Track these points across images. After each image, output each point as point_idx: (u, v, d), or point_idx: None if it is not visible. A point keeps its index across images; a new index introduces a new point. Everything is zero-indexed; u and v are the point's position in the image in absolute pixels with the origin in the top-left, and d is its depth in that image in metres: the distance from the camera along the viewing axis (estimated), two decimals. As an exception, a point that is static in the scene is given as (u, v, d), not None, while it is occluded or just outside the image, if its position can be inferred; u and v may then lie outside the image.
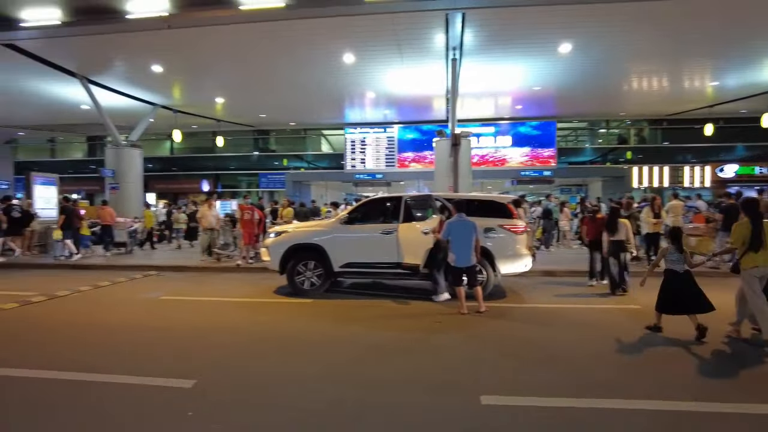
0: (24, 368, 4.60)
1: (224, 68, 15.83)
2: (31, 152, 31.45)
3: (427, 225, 7.73)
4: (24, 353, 5.19)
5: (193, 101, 19.98)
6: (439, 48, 13.73)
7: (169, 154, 29.70)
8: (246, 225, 11.57)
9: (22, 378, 4.39)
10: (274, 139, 29.43)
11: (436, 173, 15.76)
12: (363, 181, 25.83)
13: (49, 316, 6.97)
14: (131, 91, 17.94)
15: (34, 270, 11.77)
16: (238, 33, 12.39)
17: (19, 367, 4.62)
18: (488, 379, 4.39)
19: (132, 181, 18.44)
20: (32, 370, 4.55)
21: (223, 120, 23.58)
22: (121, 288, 9.27)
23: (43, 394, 4.07)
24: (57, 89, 17.34)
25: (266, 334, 5.99)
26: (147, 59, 14.68)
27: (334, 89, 18.33)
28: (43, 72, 15.27)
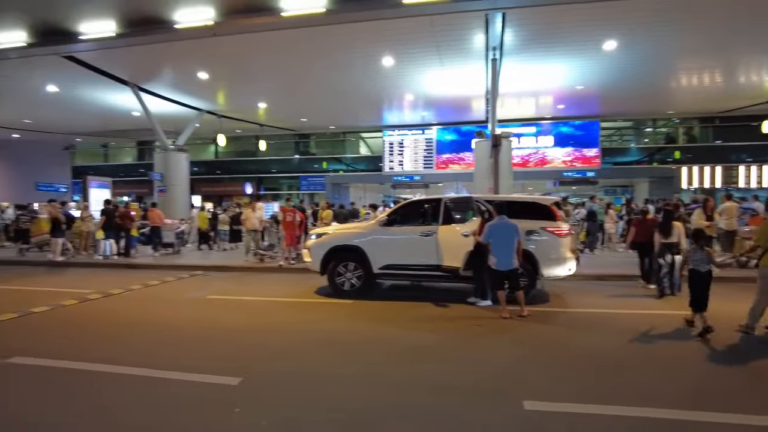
0: (85, 362, 4.86)
1: (266, 74, 16.25)
2: (87, 157, 33.13)
3: (468, 227, 7.67)
4: (84, 347, 5.49)
5: (236, 106, 20.58)
6: (478, 48, 13.63)
7: (214, 158, 30.67)
8: (288, 227, 11.81)
9: (83, 371, 4.65)
10: (314, 142, 29.90)
11: (476, 174, 15.64)
12: (401, 183, 25.89)
13: (104, 312, 7.34)
14: (178, 98, 18.67)
15: (89, 269, 12.41)
16: (280, 39, 12.69)
17: (81, 360, 4.89)
18: (531, 385, 4.32)
19: (179, 184, 19.17)
20: (93, 363, 4.81)
21: (266, 124, 24.18)
22: (169, 287, 9.65)
23: (102, 386, 4.29)
24: (111, 97, 18.26)
25: (308, 334, 6.10)
26: (193, 66, 15.25)
27: (372, 92, 18.49)
28: (99, 81, 16.12)
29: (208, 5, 11.71)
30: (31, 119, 22.63)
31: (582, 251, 12.57)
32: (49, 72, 15.45)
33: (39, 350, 5.26)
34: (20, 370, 4.74)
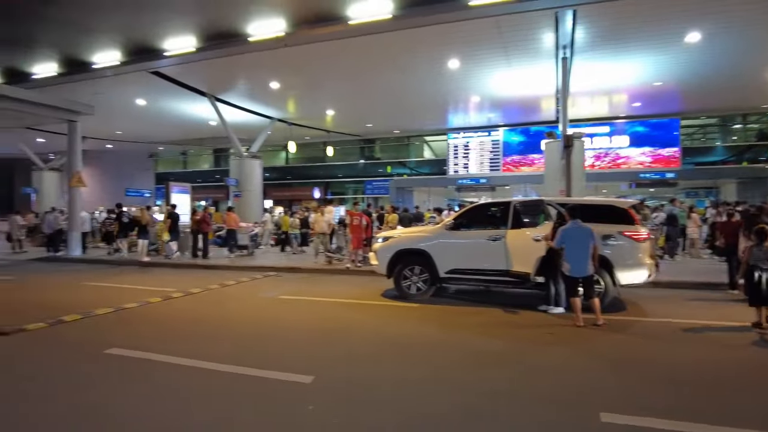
0: (169, 355, 5.21)
1: (334, 81, 16.68)
2: (168, 164, 35.51)
3: (539, 231, 7.45)
4: (168, 342, 5.89)
5: (306, 114, 21.28)
6: (548, 47, 13.24)
7: (284, 164, 31.84)
8: (354, 230, 12.05)
9: (167, 363, 4.99)
10: (378, 147, 30.27)
11: (546, 177, 15.14)
12: (466, 186, 25.58)
13: (185, 310, 7.84)
14: (252, 107, 19.59)
15: (170, 269, 13.29)
16: (347, 47, 12.99)
17: (165, 354, 5.25)
18: (608, 396, 4.13)
19: (252, 189, 20.08)
20: (176, 357, 5.15)
21: (333, 130, 24.81)
22: (244, 287, 10.13)
23: (184, 378, 4.60)
24: (190, 108, 19.49)
25: (376, 336, 6.19)
26: (265, 76, 15.95)
27: (437, 95, 18.46)
28: (180, 93, 17.27)
29: (280, 17, 12.22)
30: (121, 131, 24.63)
31: (661, 257, 11.83)
32: (138, 87, 16.76)
33: (131, 343, 5.70)
34: (116, 360, 5.17)
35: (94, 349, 5.51)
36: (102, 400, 4.10)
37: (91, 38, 13.78)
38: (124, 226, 15.18)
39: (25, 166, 30.22)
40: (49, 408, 3.97)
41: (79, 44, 14.24)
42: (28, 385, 4.50)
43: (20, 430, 3.61)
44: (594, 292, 6.60)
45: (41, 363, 5.23)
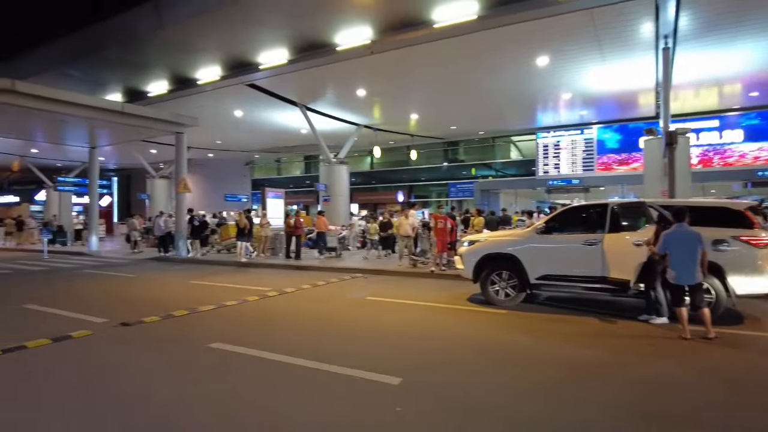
0: (265, 351, 5.51)
1: (418, 85, 16.78)
2: (263, 171, 37.69)
3: (640, 236, 6.95)
4: (265, 338, 6.24)
5: (390, 119, 21.60)
6: (646, 38, 12.36)
7: (369, 169, 32.54)
8: (439, 233, 12.01)
9: (263, 359, 5.29)
10: (462, 149, 29.95)
11: (646, 177, 14.11)
12: (557, 187, 24.50)
13: (280, 308, 8.28)
14: (339, 114, 20.26)
15: (265, 269, 14.09)
16: (432, 50, 13.01)
17: (262, 350, 5.57)
18: (721, 420, 3.76)
19: (340, 194, 20.74)
20: (271, 353, 5.44)
21: (417, 134, 24.94)
22: (333, 287, 10.48)
23: (277, 374, 4.85)
24: (283, 117, 20.56)
25: (462, 341, 6.11)
26: (352, 84, 16.42)
27: (525, 94, 17.91)
28: (273, 104, 18.29)
29: (366, 25, 12.54)
30: (221, 140, 26.57)
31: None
32: (235, 99, 18.00)
33: (231, 338, 6.12)
34: (219, 354, 5.58)
35: (200, 342, 5.99)
36: (208, 392, 4.44)
37: (195, 57, 15.06)
38: (194, 229, 16.75)
39: (140, 175, 33.70)
40: (166, 392, 4.38)
41: (185, 63, 15.63)
42: (149, 371, 5.00)
43: (151, 409, 4.02)
44: (703, 302, 6.02)
45: (157, 352, 5.78)
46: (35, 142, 23.74)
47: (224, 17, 12.39)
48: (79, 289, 10.87)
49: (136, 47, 14.65)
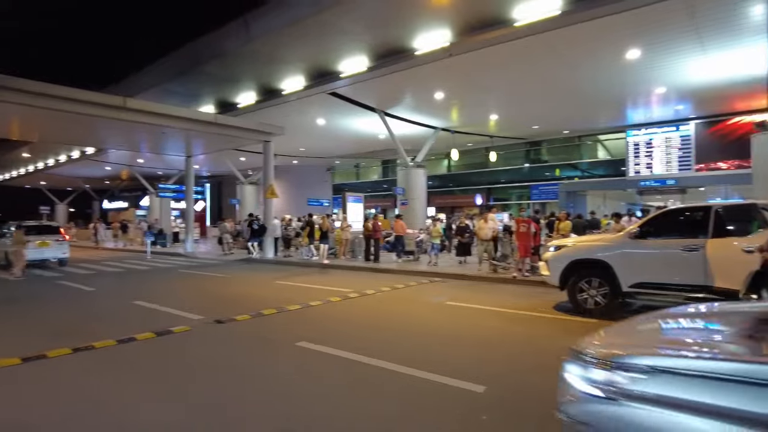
0: (348, 351, 5.64)
1: (498, 85, 16.41)
2: (343, 176, 38.71)
3: (751, 241, 6.30)
4: (348, 338, 6.38)
5: (468, 121, 21.32)
6: (756, 23, 11.19)
7: (446, 172, 32.30)
8: (522, 238, 11.63)
9: (346, 359, 5.41)
10: (545, 149, 28.84)
11: (755, 176, 12.78)
12: (649, 188, 22.82)
13: (361, 309, 8.44)
14: (417, 118, 20.32)
15: (346, 271, 14.44)
16: (512, 49, 12.66)
17: (344, 350, 5.70)
18: None
19: (417, 197, 20.78)
20: (354, 354, 5.55)
21: (496, 135, 24.40)
22: (412, 291, 10.51)
23: (359, 375, 4.94)
24: (361, 124, 20.99)
25: (550, 349, 5.83)
26: (430, 88, 16.41)
27: (614, 90, 16.90)
28: (353, 111, 18.72)
29: (444, 28, 12.48)
30: (304, 147, 27.63)
31: None
32: (318, 107, 18.65)
33: (317, 338, 6.32)
34: (306, 352, 5.79)
35: (288, 340, 6.26)
36: (295, 390, 4.62)
37: (281, 68, 15.81)
38: (254, 232, 17.93)
39: (230, 181, 35.92)
40: (257, 388, 4.63)
41: (271, 75, 16.45)
42: (241, 367, 5.31)
43: (246, 406, 4.27)
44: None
45: (248, 349, 6.12)
46: (141, 153, 26.12)
47: (308, 29, 12.89)
48: (178, 288, 11.79)
49: (227, 62, 15.65)
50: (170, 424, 3.91)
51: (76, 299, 10.29)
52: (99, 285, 12.24)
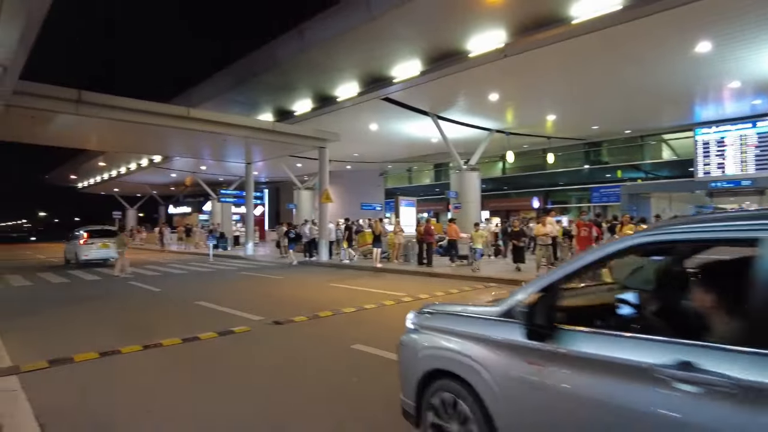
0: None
1: (555, 85, 15.95)
2: (395, 180, 38.89)
3: None
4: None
5: (524, 122, 20.85)
6: None
7: (501, 174, 31.72)
8: (582, 242, 11.25)
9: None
10: (606, 150, 27.69)
11: None
12: (721, 189, 21.38)
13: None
14: (470, 121, 20.09)
15: (399, 275, 14.46)
16: (570, 47, 12.28)
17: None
18: None
19: (471, 201, 20.51)
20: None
21: (553, 136, 23.71)
22: (467, 296, 10.35)
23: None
24: (414, 128, 21.00)
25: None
26: (484, 89, 16.18)
27: (681, 86, 16.00)
28: (405, 115, 18.78)
29: (499, 29, 12.28)
30: (358, 153, 28.01)
31: None
32: (371, 113, 18.84)
33: (371, 341, 6.38)
34: (360, 355, 5.86)
35: (343, 343, 6.35)
36: (356, 392, 4.68)
37: (335, 76, 16.12)
38: (291, 239, 18.82)
39: (287, 187, 36.98)
40: (314, 388, 4.73)
41: (326, 82, 16.81)
42: (302, 368, 5.44)
43: (304, 399, 4.38)
44: None
45: (306, 350, 6.26)
46: (203, 160, 27.41)
47: (362, 36, 13.08)
48: (238, 289, 12.25)
49: (283, 71, 16.15)
50: (236, 420, 4.07)
51: (145, 299, 10.92)
52: (165, 286, 12.93)
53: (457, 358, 2.83)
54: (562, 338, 2.31)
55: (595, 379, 2.13)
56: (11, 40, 6.41)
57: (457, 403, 2.82)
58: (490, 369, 2.63)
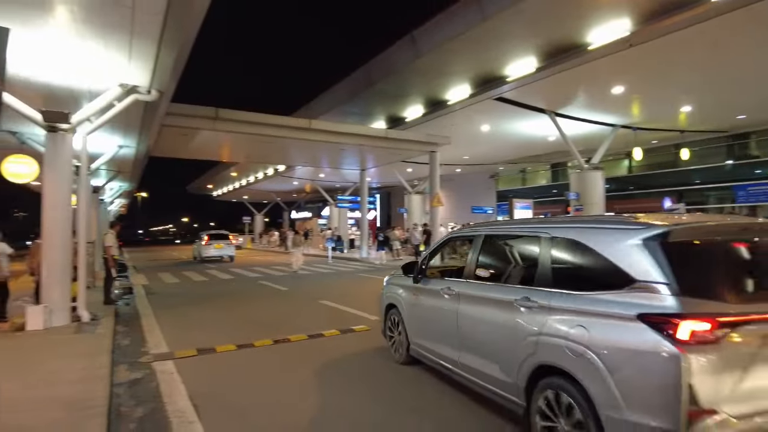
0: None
1: (691, 73, 14.38)
2: (507, 182, 37.76)
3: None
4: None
5: (653, 116, 19.08)
6: None
7: (627, 173, 29.31)
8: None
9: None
10: (754, 142, 24.25)
11: None
12: None
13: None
14: (591, 116, 18.86)
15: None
16: (706, 30, 11.01)
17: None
18: None
19: (594, 202, 19.26)
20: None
21: (688, 130, 21.38)
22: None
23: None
24: (529, 127, 20.25)
25: None
26: (607, 83, 15.11)
27: None
28: (520, 114, 18.19)
29: (623, 17, 11.42)
30: (468, 155, 27.71)
31: None
32: (482, 114, 18.53)
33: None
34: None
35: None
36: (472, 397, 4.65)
37: (447, 80, 16.16)
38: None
39: (398, 192, 37.78)
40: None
41: (438, 87, 16.91)
42: (422, 370, 5.54)
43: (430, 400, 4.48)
44: None
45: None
46: (322, 168, 29.02)
47: (474, 37, 12.96)
48: (356, 289, 12.77)
49: (397, 79, 16.55)
50: (369, 417, 4.28)
51: (273, 297, 11.86)
52: (290, 285, 13.90)
53: (394, 296, 5.97)
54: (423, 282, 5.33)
55: (431, 298, 5.04)
56: (168, 68, 7.38)
57: (395, 318, 5.93)
58: (403, 300, 5.69)
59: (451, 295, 4.56)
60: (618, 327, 2.82)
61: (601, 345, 2.87)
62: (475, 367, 4.08)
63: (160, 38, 6.41)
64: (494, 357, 3.83)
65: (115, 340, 7.06)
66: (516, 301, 3.63)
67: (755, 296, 2.84)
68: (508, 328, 3.65)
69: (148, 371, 5.65)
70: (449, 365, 4.55)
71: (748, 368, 2.57)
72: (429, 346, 5.00)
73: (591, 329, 2.96)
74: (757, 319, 2.65)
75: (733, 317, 2.62)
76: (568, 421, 3.06)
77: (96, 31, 6.18)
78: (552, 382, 3.22)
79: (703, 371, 2.48)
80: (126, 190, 28.40)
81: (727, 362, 2.54)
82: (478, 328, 4.12)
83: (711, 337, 2.55)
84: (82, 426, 3.82)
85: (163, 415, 4.28)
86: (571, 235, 3.48)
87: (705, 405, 2.46)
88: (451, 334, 4.47)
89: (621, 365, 2.75)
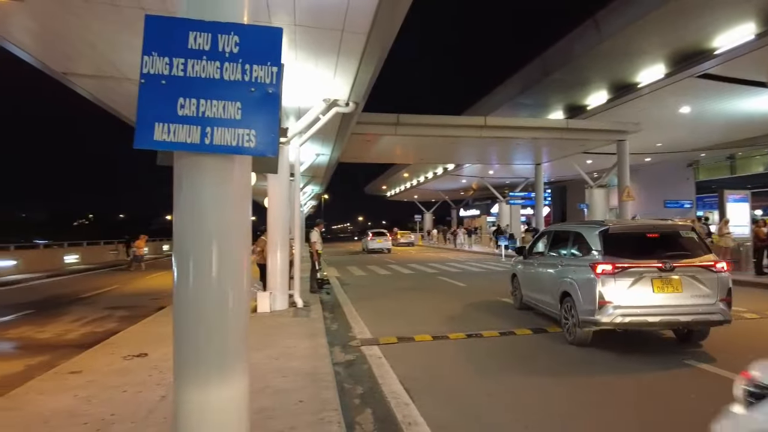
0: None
1: None
2: (709, 172, 32.50)
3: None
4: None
5: None
6: None
7: None
8: None
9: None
10: None
11: None
12: None
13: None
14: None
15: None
16: None
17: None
18: None
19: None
20: None
21: None
22: None
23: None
24: (743, 105, 17.21)
25: None
26: None
27: None
28: (730, 91, 15.59)
29: None
30: (661, 142, 24.63)
31: None
32: (680, 95, 16.31)
33: (701, 356, 5.58)
34: (698, 373, 5.20)
35: (674, 358, 5.75)
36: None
37: (635, 61, 14.68)
38: None
39: (574, 185, 35.31)
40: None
41: (624, 70, 15.45)
42: (623, 368, 5.22)
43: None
44: None
45: (631, 360, 5.91)
46: (491, 165, 28.70)
47: (666, 13, 11.57)
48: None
49: (576, 66, 15.56)
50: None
51: (453, 292, 12.17)
52: (468, 282, 14.09)
53: (514, 268, 9.80)
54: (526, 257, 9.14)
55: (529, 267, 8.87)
56: (365, 81, 8.15)
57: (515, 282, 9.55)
58: (518, 270, 9.42)
59: (536, 263, 8.38)
60: (583, 270, 6.28)
61: (577, 279, 6.42)
62: (546, 300, 7.55)
63: (362, 54, 7.10)
64: (550, 293, 7.31)
65: (326, 325, 8.02)
66: (556, 263, 7.37)
67: (638, 257, 5.96)
68: (553, 276, 7.32)
69: (359, 354, 6.31)
70: (538, 303, 8.11)
71: (629, 287, 5.80)
72: (530, 294, 8.50)
73: (576, 273, 6.51)
74: (635, 266, 5.85)
75: (621, 264, 5.87)
76: (568, 314, 6.56)
77: (310, 53, 7.12)
78: (566, 299, 6.65)
79: (606, 285, 5.84)
80: (317, 193, 31.92)
81: (618, 283, 5.82)
82: (545, 279, 7.72)
83: (610, 272, 5.87)
84: (320, 394, 4.48)
85: (381, 396, 4.74)
86: (578, 230, 7.11)
87: (606, 299, 5.83)
88: (536, 285, 8.19)
89: (582, 286, 6.27)
